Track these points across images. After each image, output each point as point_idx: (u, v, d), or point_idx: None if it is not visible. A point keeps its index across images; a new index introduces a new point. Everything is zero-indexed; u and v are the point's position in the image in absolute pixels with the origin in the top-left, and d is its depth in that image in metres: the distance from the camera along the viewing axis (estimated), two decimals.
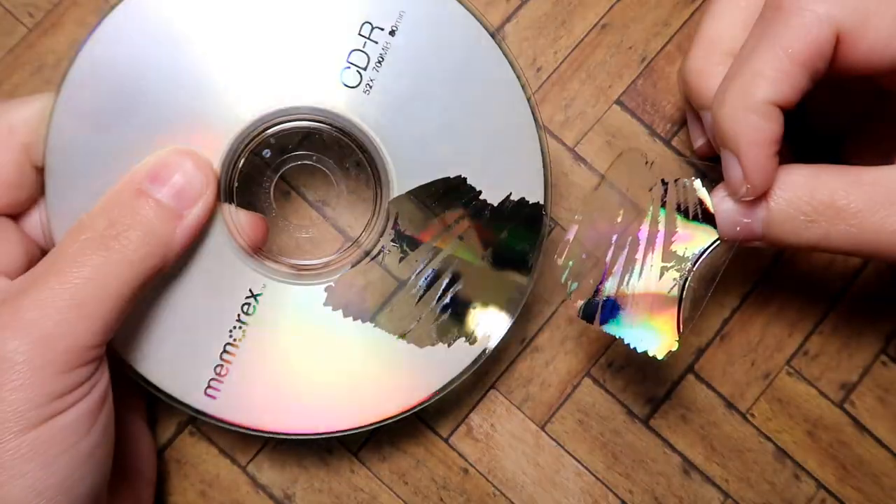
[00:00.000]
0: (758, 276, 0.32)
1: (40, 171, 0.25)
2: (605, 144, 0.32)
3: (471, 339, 0.27)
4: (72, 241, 0.23)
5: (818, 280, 0.32)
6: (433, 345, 0.26)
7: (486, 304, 0.27)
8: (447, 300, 0.27)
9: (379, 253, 0.27)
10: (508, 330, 0.27)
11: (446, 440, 0.32)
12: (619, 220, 0.26)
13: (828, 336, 0.32)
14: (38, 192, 0.26)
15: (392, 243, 0.26)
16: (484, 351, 0.27)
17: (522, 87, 0.26)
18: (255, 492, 0.31)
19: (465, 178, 0.26)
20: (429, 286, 0.27)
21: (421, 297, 0.27)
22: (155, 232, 0.23)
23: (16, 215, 0.26)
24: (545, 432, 0.32)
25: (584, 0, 0.33)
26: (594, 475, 0.32)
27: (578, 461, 0.32)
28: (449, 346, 0.27)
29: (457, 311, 0.27)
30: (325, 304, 0.27)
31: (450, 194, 0.26)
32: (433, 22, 0.25)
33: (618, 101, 0.33)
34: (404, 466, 0.31)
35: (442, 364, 0.27)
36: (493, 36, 0.26)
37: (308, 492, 0.31)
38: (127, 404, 0.29)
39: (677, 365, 0.32)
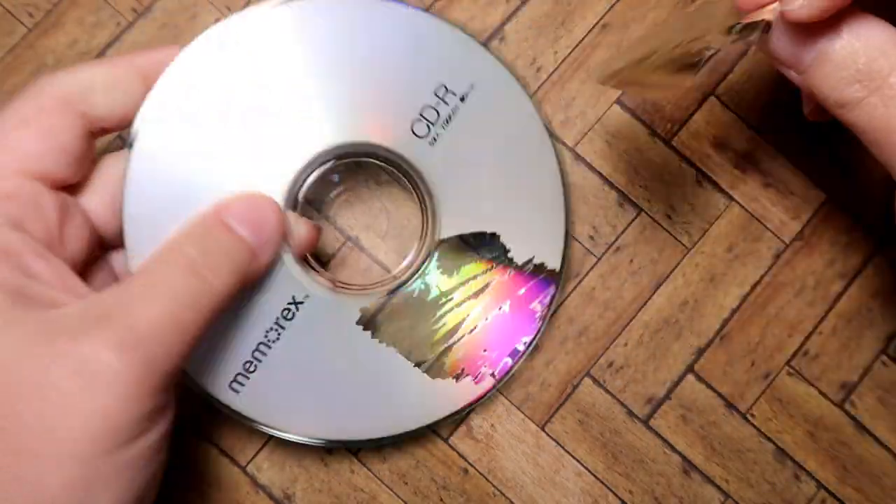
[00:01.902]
0: (757, 276, 0.32)
1: (94, 138, 0.26)
2: (605, 144, 0.32)
3: (477, 379, 0.29)
4: (165, 265, 0.24)
5: (818, 280, 0.32)
6: (443, 379, 0.29)
7: (494, 349, 0.29)
8: (462, 341, 0.29)
9: (415, 286, 0.29)
10: (512, 372, 0.30)
11: (446, 440, 0.32)
12: None
13: (828, 336, 0.32)
14: (93, 164, 0.26)
15: (429, 280, 0.29)
16: (491, 387, 0.29)
17: (559, 164, 0.29)
18: (255, 492, 0.31)
19: (499, 235, 0.29)
20: (450, 327, 0.29)
21: (442, 336, 0.29)
22: (240, 268, 0.25)
23: (73, 191, 0.26)
24: (545, 432, 0.32)
25: (584, 0, 0.33)
26: (594, 475, 0.32)
27: (578, 461, 0.32)
28: (457, 381, 0.29)
29: (470, 352, 0.29)
30: (358, 322, 0.28)
31: (484, 246, 0.29)
32: (497, 97, 0.29)
33: (618, 101, 0.33)
34: (404, 466, 0.31)
35: (452, 395, 0.29)
36: (539, 117, 0.29)
37: (308, 492, 0.31)
38: None
39: (677, 365, 0.32)
